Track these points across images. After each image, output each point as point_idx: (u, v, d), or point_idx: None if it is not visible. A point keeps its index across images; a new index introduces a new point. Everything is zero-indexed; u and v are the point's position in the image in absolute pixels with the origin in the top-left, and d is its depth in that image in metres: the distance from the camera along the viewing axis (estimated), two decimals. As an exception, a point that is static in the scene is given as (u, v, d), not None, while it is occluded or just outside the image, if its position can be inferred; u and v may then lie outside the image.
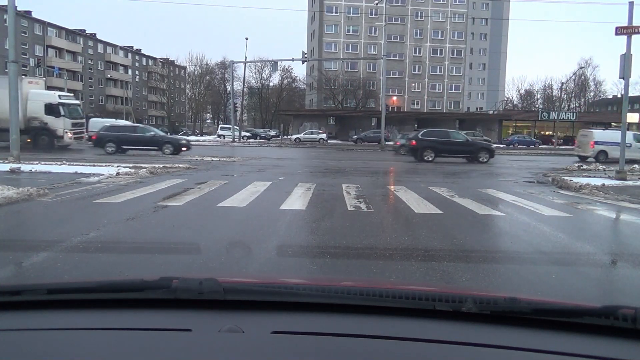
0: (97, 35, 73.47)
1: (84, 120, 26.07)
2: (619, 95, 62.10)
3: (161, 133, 25.74)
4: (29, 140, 22.49)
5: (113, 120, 33.33)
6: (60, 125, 22.77)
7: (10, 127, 15.04)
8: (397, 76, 64.37)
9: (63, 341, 1.07)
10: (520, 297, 1.20)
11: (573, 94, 74.39)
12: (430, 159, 21.26)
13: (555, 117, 50.89)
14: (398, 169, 18.10)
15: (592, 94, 77.91)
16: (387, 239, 5.71)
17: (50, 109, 22.62)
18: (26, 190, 7.97)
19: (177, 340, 1.05)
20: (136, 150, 21.60)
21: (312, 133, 45.76)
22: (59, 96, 23.86)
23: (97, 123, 29.47)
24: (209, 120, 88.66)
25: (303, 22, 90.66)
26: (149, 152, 21.15)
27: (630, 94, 15.35)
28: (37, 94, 23.06)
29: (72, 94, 30.20)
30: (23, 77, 26.06)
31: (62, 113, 22.90)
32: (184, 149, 21.91)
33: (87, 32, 71.61)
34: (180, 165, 14.90)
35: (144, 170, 12.52)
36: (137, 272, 4.15)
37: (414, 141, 22.04)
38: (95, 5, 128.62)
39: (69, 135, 23.22)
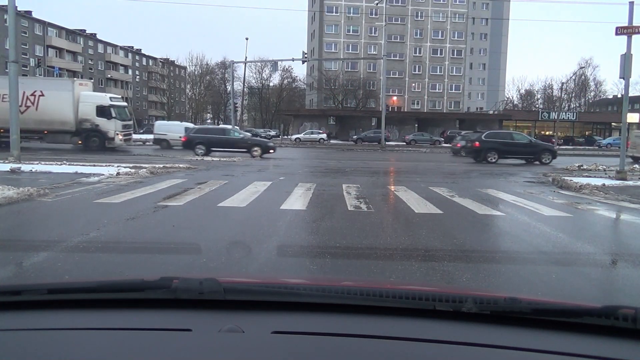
0: (97, 35, 73.46)
1: (132, 122, 26.23)
2: (619, 95, 62.08)
3: (249, 135, 26.05)
4: (79, 142, 22.80)
5: (178, 122, 32.92)
6: (112, 127, 22.97)
7: (10, 127, 15.06)
8: (397, 76, 64.36)
9: (63, 341, 1.07)
10: (520, 297, 1.20)
11: (573, 94, 74.39)
12: (493, 160, 21.29)
13: (556, 117, 50.78)
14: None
15: (592, 94, 77.98)
16: (387, 239, 5.71)
17: (102, 111, 22.83)
18: (26, 190, 7.98)
19: (177, 340, 1.05)
20: (224, 153, 21.59)
21: (312, 133, 45.74)
22: (110, 98, 24.17)
23: (163, 126, 29.67)
24: (209, 120, 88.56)
25: (303, 22, 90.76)
26: (237, 155, 21.22)
27: (630, 94, 15.37)
28: (88, 96, 23.35)
29: (120, 96, 30.22)
30: (75, 79, 26.47)
31: (114, 115, 23.14)
32: (271, 151, 22.16)
33: (87, 32, 71.59)
34: (181, 165, 14.89)
35: (144, 170, 12.52)
36: (138, 272, 4.16)
37: (477, 142, 22.08)
38: (95, 5, 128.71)
39: (120, 137, 23.47)
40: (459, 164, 21.20)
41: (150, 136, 30.79)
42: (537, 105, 74.24)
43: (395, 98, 58.03)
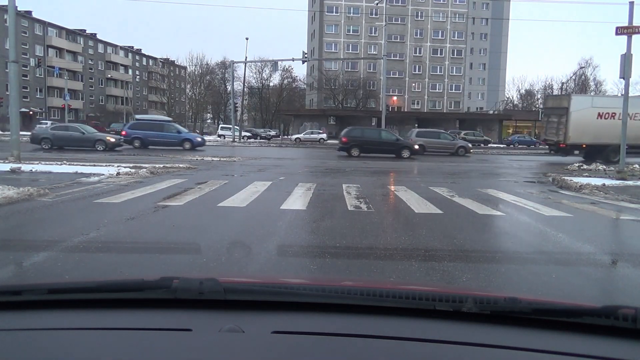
0: (97, 35, 73.53)
1: None
2: (619, 95, 62.02)
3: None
4: None
5: None
6: None
7: (10, 127, 15.06)
8: (397, 76, 64.38)
9: (63, 341, 1.07)
10: (520, 297, 1.20)
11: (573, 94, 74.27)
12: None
13: (556, 117, 50.72)
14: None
15: (592, 94, 77.82)
16: (387, 239, 5.70)
17: None
18: (26, 190, 7.97)
19: (177, 340, 1.05)
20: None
21: (312, 133, 45.73)
22: None
23: None
24: (209, 120, 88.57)
25: (303, 22, 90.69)
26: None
27: (630, 94, 15.34)
28: None
29: None
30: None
31: None
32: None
33: (87, 32, 71.65)
34: (181, 165, 14.89)
35: (144, 170, 12.52)
36: (138, 272, 4.15)
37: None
38: (96, 5, 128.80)
39: None
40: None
41: None
42: (537, 105, 74.18)
43: (395, 98, 58.02)
